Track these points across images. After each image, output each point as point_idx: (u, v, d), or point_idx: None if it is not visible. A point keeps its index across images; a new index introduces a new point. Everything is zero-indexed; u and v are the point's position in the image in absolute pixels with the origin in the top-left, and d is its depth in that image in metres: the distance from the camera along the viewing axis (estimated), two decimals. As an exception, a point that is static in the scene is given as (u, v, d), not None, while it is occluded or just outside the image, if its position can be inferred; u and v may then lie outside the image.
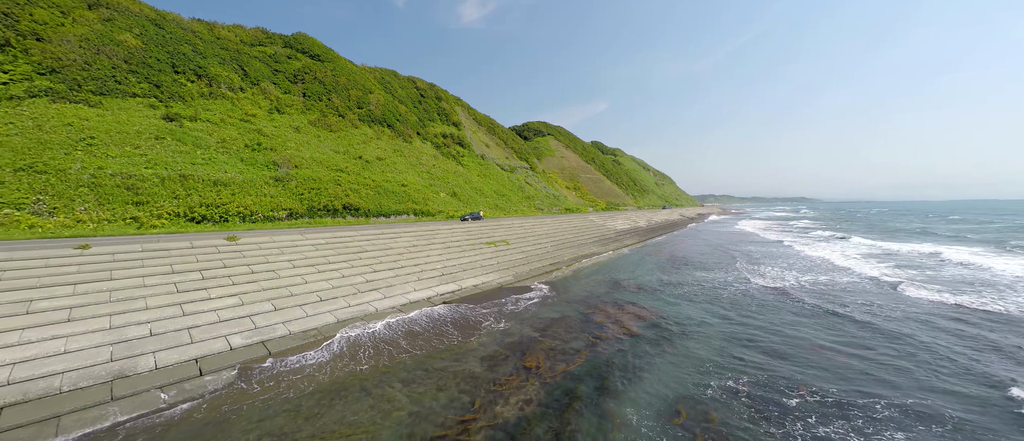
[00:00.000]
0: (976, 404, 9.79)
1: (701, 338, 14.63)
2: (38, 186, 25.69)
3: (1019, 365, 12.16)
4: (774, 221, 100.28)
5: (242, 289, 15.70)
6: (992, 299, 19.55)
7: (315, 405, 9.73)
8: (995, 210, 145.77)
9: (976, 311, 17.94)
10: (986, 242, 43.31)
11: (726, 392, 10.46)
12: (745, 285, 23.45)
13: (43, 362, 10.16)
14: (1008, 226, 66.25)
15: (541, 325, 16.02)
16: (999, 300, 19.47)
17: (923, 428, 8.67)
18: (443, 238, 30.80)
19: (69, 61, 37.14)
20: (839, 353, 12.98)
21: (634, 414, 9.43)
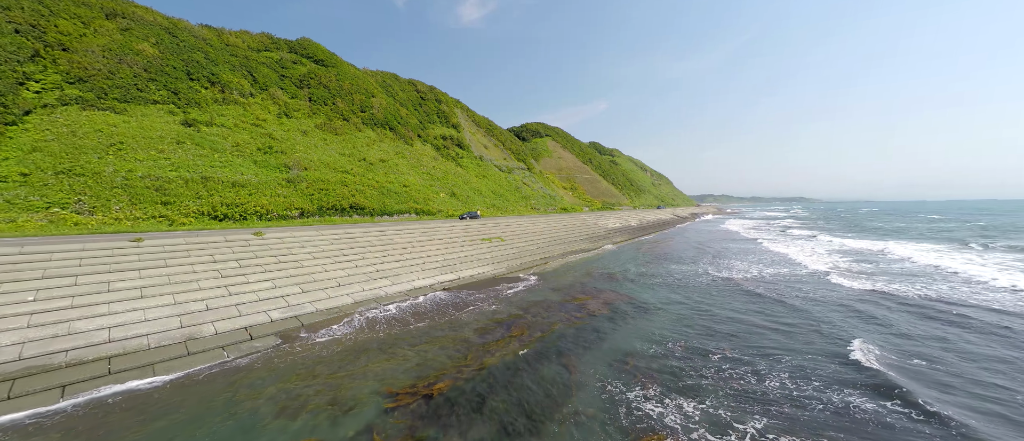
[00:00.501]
0: (821, 352, 13.03)
1: (659, 315, 17.51)
2: (78, 187, 28.52)
3: (874, 329, 15.35)
4: (761, 220, 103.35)
5: (273, 275, 18.55)
6: (900, 286, 22.58)
7: (344, 359, 12.57)
8: (983, 210, 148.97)
9: (878, 293, 21.06)
10: (945, 240, 46.28)
11: (666, 350, 13.32)
12: (709, 276, 26.35)
13: (131, 326, 13.00)
14: (985, 225, 69.28)
15: (526, 306, 18.88)
16: (906, 286, 22.56)
17: (782, 369, 11.58)
18: (443, 235, 33.66)
19: (95, 71, 39.91)
20: (758, 325, 15.87)
21: (591, 363, 12.29)
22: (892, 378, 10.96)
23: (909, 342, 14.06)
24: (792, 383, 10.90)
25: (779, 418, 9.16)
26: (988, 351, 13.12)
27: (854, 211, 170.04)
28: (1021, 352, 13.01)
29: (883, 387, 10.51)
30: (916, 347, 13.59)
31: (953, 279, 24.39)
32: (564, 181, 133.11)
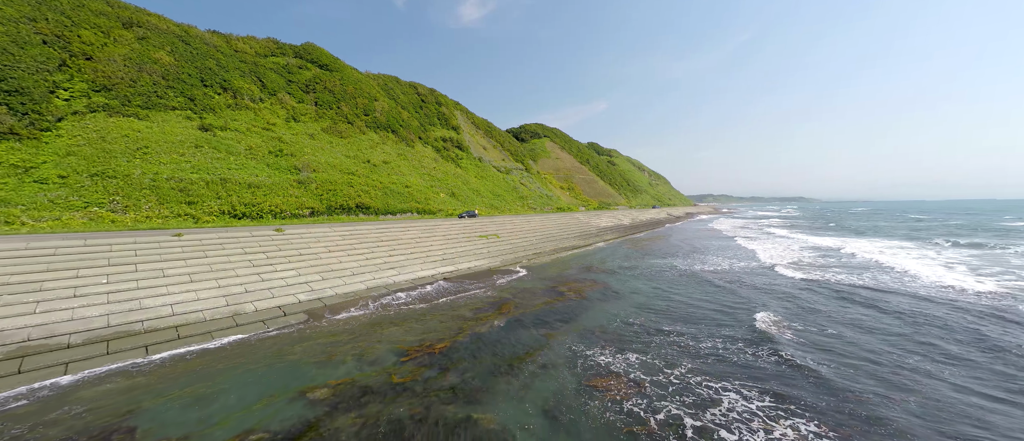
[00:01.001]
0: (740, 323, 16.04)
1: (630, 299, 20.39)
2: (111, 188, 31.38)
3: (789, 307, 18.53)
4: (749, 220, 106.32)
5: (296, 265, 21.42)
6: (835, 276, 25.73)
7: (363, 329, 15.43)
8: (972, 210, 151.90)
9: (813, 282, 24.20)
10: (910, 238, 49.41)
11: (626, 324, 16.19)
12: (679, 269, 29.23)
13: (188, 304, 15.87)
14: (960, 223, 72.23)
15: (514, 292, 21.76)
16: (841, 276, 25.77)
17: (708, 336, 14.46)
18: (443, 232, 36.53)
19: (118, 79, 42.76)
20: (703, 306, 18.76)
21: (563, 332, 15.15)
22: (777, 339, 14.11)
23: (811, 316, 17.15)
24: (710, 343, 13.83)
25: (694, 365, 12.03)
26: (876, 325, 16.02)
27: (845, 211, 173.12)
28: (904, 326, 15.91)
29: (767, 345, 13.50)
30: (815, 320, 16.61)
31: (889, 272, 27.37)
32: (561, 181, 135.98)
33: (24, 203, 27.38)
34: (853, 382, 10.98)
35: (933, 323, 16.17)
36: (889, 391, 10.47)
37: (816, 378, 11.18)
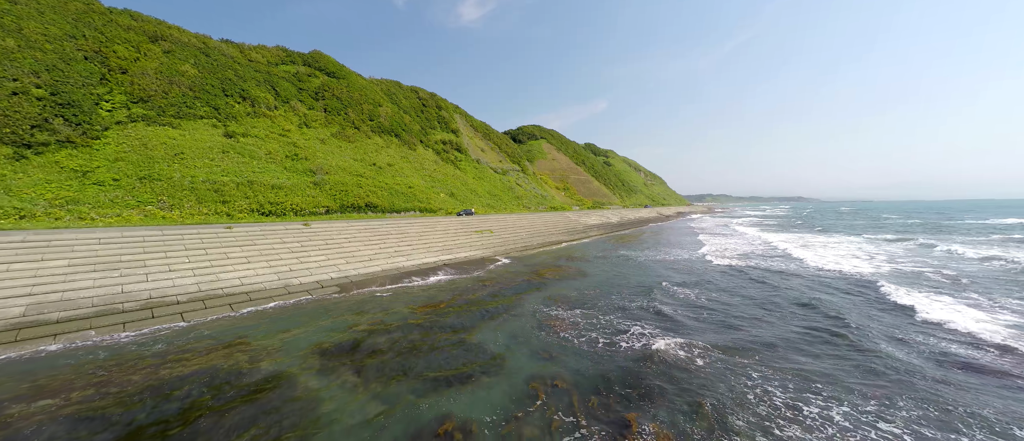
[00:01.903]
0: (651, 288, 21.08)
1: (591, 278, 25.46)
2: (157, 190, 36.44)
3: (687, 278, 23.88)
4: (731, 218, 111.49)
5: (325, 252, 26.49)
6: (744, 263, 31.13)
7: (383, 300, 20.48)
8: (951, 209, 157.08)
9: (726, 266, 29.64)
10: (854, 232, 54.87)
11: (582, 294, 21.24)
12: (640, 259, 34.33)
13: (251, 278, 20.94)
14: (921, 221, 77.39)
15: (501, 274, 26.84)
16: (755, 262, 31.19)
17: (631, 298, 19.51)
18: (444, 227, 41.59)
19: (153, 91, 47.85)
20: (641, 281, 23.85)
21: (532, 298, 20.20)
22: (664, 299, 19.32)
23: (701, 287, 22.37)
24: (629, 301, 19.03)
25: (616, 315, 17.10)
26: (748, 293, 21.17)
27: (831, 210, 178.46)
28: (767, 292, 21.08)
29: (660, 303, 18.66)
30: (702, 290, 21.84)
31: (796, 259, 32.74)
32: (557, 181, 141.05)
33: (90, 202, 32.43)
34: (696, 319, 16.10)
35: (778, 290, 21.56)
36: (700, 320, 15.55)
37: (677, 318, 16.30)
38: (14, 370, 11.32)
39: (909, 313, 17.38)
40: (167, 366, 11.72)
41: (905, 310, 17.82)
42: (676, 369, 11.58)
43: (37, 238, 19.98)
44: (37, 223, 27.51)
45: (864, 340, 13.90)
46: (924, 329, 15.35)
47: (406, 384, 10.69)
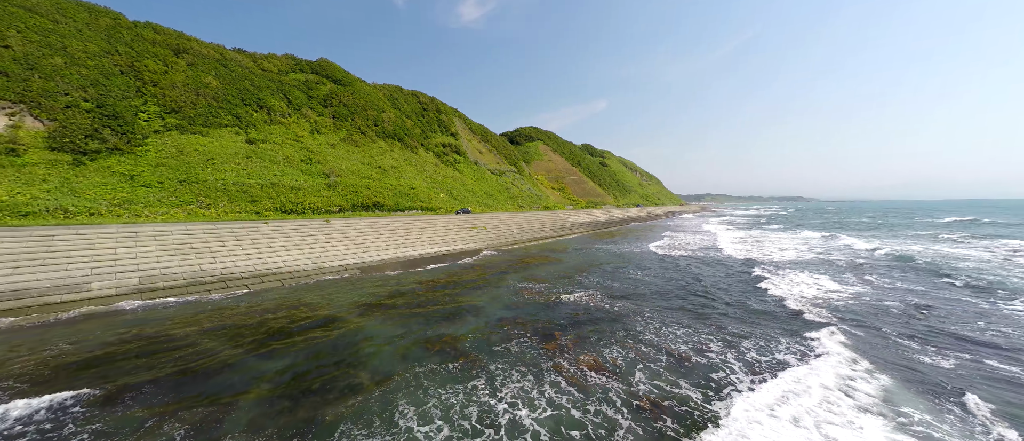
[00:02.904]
0: (600, 269, 26.49)
1: (564, 264, 31.07)
2: (195, 191, 42.02)
3: (628, 262, 29.01)
4: (713, 217, 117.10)
5: (346, 243, 32.10)
6: (678, 252, 36.68)
7: (395, 278, 26.08)
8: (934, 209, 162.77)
9: (668, 256, 35.14)
10: (814, 229, 60.57)
11: (552, 274, 26.87)
12: (612, 250, 39.99)
13: (291, 262, 26.54)
14: (891, 223, 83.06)
15: (492, 261, 32.47)
16: (693, 251, 36.63)
17: (590, 276, 25.12)
18: (443, 224, 47.20)
19: (183, 102, 53.40)
20: (600, 266, 29.49)
21: (512, 278, 25.82)
22: (604, 276, 24.83)
23: (636, 268, 28.00)
24: (583, 278, 24.60)
25: (564, 286, 22.70)
26: (663, 272, 26.81)
27: (818, 210, 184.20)
28: (675, 271, 26.68)
29: (601, 277, 24.19)
30: (635, 269, 27.41)
31: (721, 250, 38.67)
32: (552, 181, 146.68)
33: (141, 202, 38.04)
34: (618, 285, 21.73)
35: (683, 270, 27.38)
36: (623, 288, 21.20)
37: (607, 285, 21.98)
38: (158, 315, 16.91)
39: (755, 282, 23.42)
40: (256, 313, 17.34)
41: (754, 280, 23.96)
42: (592, 311, 17.24)
43: (126, 230, 25.60)
44: (104, 219, 33.14)
45: (710, 296, 19.84)
46: (755, 292, 21.25)
47: (416, 321, 16.31)
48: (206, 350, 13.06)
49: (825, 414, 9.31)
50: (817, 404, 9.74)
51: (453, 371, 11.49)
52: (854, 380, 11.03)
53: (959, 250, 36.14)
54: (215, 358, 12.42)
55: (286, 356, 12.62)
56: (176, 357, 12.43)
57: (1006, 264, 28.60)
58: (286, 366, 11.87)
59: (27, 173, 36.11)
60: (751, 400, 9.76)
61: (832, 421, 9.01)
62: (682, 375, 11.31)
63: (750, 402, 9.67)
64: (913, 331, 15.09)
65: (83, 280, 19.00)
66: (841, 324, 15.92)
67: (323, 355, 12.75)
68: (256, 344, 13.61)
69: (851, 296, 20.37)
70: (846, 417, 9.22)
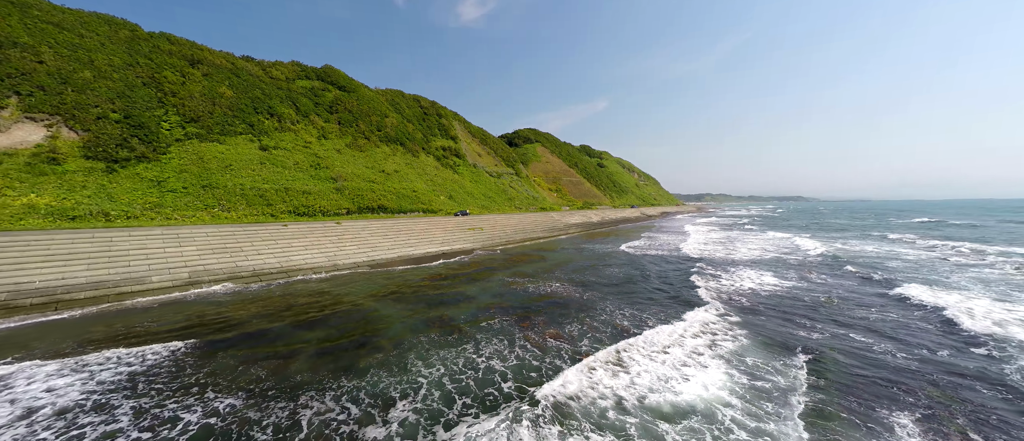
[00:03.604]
0: (577, 265, 30.51)
1: (548, 262, 35.04)
2: (217, 195, 46.05)
3: (602, 259, 32.89)
4: (703, 218, 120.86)
5: (356, 243, 36.09)
6: (644, 252, 40.58)
7: (401, 273, 30.08)
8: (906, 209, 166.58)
9: (637, 254, 39.00)
10: (790, 231, 64.34)
11: (539, 270, 30.86)
12: (595, 249, 43.97)
13: (309, 259, 30.56)
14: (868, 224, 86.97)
15: (486, 259, 36.45)
16: (647, 251, 40.64)
17: (570, 269, 29.14)
18: (443, 225, 51.20)
19: (202, 112, 57.43)
20: (572, 262, 33.47)
21: (502, 274, 29.81)
22: (579, 271, 28.75)
23: (607, 264, 31.85)
24: (561, 273, 28.59)
25: (544, 279, 26.69)
26: (627, 267, 30.78)
27: (811, 210, 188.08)
28: (635, 266, 30.64)
29: (576, 271, 28.19)
30: (606, 264, 31.32)
31: (683, 249, 42.53)
32: (550, 183, 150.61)
33: (170, 206, 42.07)
34: (588, 277, 25.70)
35: (642, 266, 31.31)
36: (592, 281, 25.17)
37: (579, 279, 25.98)
38: (213, 301, 20.91)
39: (691, 276, 27.56)
40: (290, 298, 21.35)
41: (692, 275, 28.08)
42: (563, 299, 21.26)
43: (169, 232, 29.63)
44: (140, 222, 37.20)
45: (651, 285, 23.95)
46: (687, 282, 25.31)
47: (421, 305, 20.31)
48: (260, 324, 17.07)
49: (688, 357, 13.33)
50: (687, 353, 13.76)
51: (448, 339, 15.47)
52: (719, 339, 15.10)
53: (896, 249, 40.44)
54: (270, 329, 16.44)
55: (322, 329, 16.63)
56: (240, 329, 16.45)
57: (921, 261, 32.67)
58: (324, 335, 15.89)
59: (68, 180, 40.19)
60: (646, 353, 13.71)
61: (688, 363, 13.00)
62: (613, 339, 15.30)
63: (646, 352, 13.62)
64: (792, 312, 19.10)
65: (145, 274, 23.01)
66: (733, 305, 20.05)
67: (350, 327, 16.76)
68: (298, 321, 17.63)
69: (763, 287, 24.42)
70: (701, 358, 13.25)
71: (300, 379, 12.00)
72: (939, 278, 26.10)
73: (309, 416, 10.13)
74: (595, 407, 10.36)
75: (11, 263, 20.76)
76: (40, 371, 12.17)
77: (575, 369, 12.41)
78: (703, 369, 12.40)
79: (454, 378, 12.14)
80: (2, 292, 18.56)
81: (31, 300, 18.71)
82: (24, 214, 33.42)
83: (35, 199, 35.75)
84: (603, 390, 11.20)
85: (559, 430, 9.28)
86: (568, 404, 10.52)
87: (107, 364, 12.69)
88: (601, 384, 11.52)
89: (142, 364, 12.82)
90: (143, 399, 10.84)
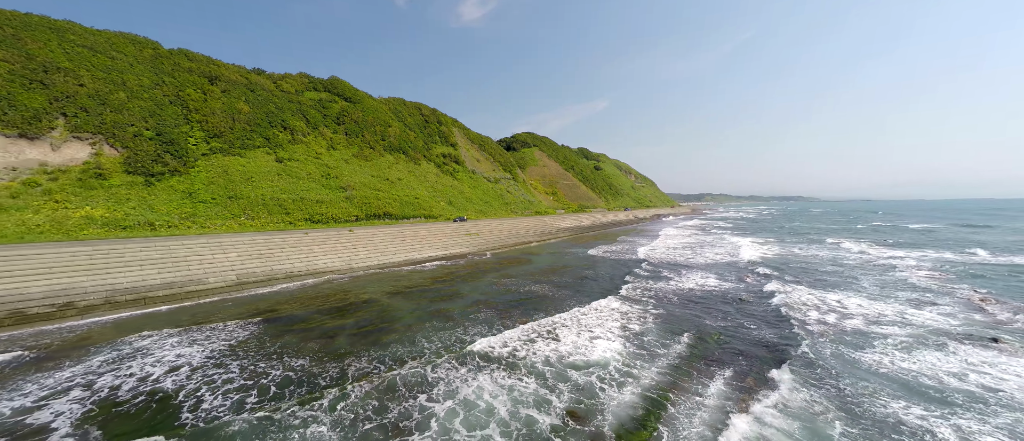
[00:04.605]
0: (554, 268, 36.21)
1: (533, 266, 40.67)
2: (242, 206, 51.79)
3: (576, 262, 38.56)
4: (690, 220, 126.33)
5: (366, 248, 41.79)
6: (603, 254, 46.14)
7: (407, 274, 35.75)
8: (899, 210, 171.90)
9: (604, 257, 44.53)
10: (758, 233, 69.82)
11: (522, 271, 36.50)
12: (575, 253, 49.60)
13: (330, 262, 36.27)
14: (860, 224, 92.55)
15: (480, 262, 42.13)
16: (605, 254, 46.11)
17: (550, 270, 34.82)
18: (442, 231, 56.91)
19: (223, 128, 63.17)
20: (553, 267, 39.10)
21: (491, 276, 35.46)
22: (553, 273, 34.46)
23: (582, 267, 37.38)
24: (541, 275, 34.26)
25: (534, 280, 32.32)
26: (592, 271, 36.38)
27: (800, 211, 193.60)
28: (595, 266, 36.25)
29: (552, 273, 33.88)
30: (580, 269, 36.88)
31: (639, 251, 47.95)
32: (546, 186, 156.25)
33: (202, 215, 47.82)
34: (561, 277, 31.33)
35: (598, 266, 36.78)
36: (563, 282, 30.79)
37: (551, 279, 31.64)
38: (261, 297, 26.57)
39: (626, 275, 33.11)
40: (322, 294, 27.03)
41: (628, 274, 33.68)
42: (536, 295, 26.94)
43: (214, 241, 35.35)
44: (179, 231, 42.96)
45: (601, 285, 29.56)
46: (625, 281, 30.79)
47: (424, 300, 25.99)
48: (305, 314, 22.79)
49: (603, 333, 19.00)
50: (605, 330, 19.45)
51: (446, 325, 21.13)
52: (630, 322, 20.79)
53: (815, 251, 46.59)
54: (312, 317, 22.16)
55: (351, 317, 22.34)
56: (290, 318, 22.15)
57: (818, 261, 38.37)
58: (354, 322, 21.59)
59: (114, 193, 46.01)
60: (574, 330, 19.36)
61: (601, 336, 18.66)
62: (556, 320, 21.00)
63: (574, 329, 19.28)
64: (697, 304, 24.75)
65: (203, 277, 28.72)
66: (652, 299, 25.79)
67: (371, 317, 22.46)
68: (332, 312, 23.36)
69: (685, 286, 30.17)
70: (611, 334, 18.95)
71: (343, 350, 17.68)
72: (828, 280, 31.79)
73: (353, 371, 15.79)
74: (531, 360, 16.05)
75: (102, 268, 26.47)
76: (167, 342, 17.91)
77: (519, 338, 18.14)
78: (610, 341, 18.08)
79: (447, 349, 17.82)
80: (103, 291, 24.28)
81: (125, 297, 24.44)
82: (84, 225, 39.26)
83: (90, 211, 41.55)
84: (537, 350, 16.92)
85: (507, 372, 14.96)
86: (515, 353, 16.25)
87: (211, 339, 18.42)
88: (539, 348, 17.24)
89: (235, 340, 18.54)
90: (243, 360, 16.53)
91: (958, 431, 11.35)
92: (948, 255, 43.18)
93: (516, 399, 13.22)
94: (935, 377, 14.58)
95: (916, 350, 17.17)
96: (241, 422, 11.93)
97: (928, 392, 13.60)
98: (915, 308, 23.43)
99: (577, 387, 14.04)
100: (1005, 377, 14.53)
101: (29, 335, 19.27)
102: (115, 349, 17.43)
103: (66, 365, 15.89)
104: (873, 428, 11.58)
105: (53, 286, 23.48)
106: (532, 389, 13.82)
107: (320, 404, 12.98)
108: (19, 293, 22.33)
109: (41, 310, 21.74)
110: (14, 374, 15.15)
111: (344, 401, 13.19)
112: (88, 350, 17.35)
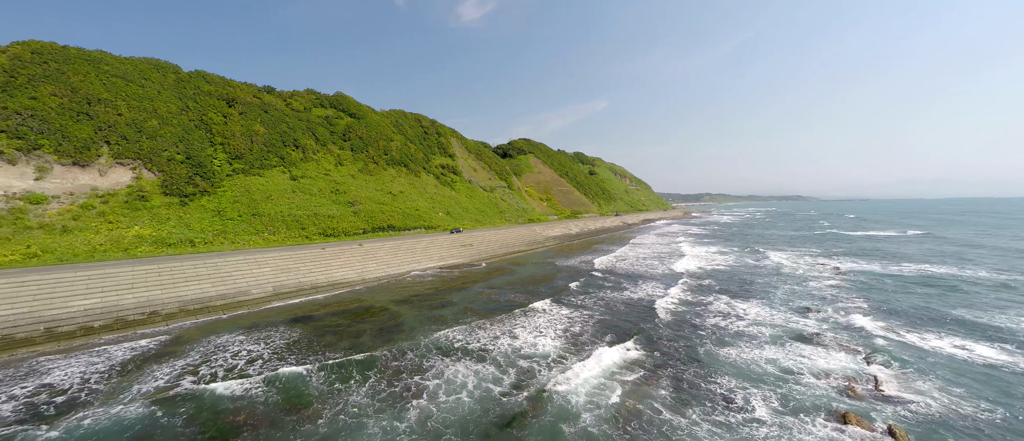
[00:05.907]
0: (533, 277, 43.52)
1: (517, 275, 47.90)
2: (265, 222, 59.08)
3: (539, 269, 45.89)
4: (680, 225, 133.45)
5: (374, 261, 49.07)
6: (574, 263, 53.17)
7: (410, 283, 42.99)
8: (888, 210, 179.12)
9: (575, 266, 51.65)
10: (735, 241, 77.16)
11: (506, 281, 43.71)
12: (557, 263, 56.88)
13: (346, 274, 43.55)
14: (797, 235, 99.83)
15: (473, 271, 49.39)
16: (576, 262, 53.13)
17: (527, 280, 42.10)
18: (439, 243, 64.20)
19: (243, 149, 70.44)
20: (533, 276, 46.36)
21: (481, 284, 42.67)
22: (530, 281, 41.80)
23: (558, 274, 44.65)
24: (520, 283, 41.55)
25: (518, 287, 39.55)
26: (558, 283, 43.64)
27: (790, 213, 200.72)
28: (562, 270, 43.54)
29: (529, 281, 41.19)
30: (554, 278, 44.14)
31: (608, 259, 55.12)
32: (541, 193, 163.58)
33: (231, 232, 55.12)
34: (533, 286, 38.59)
35: (562, 271, 43.96)
36: (538, 289, 38.04)
37: (526, 286, 38.94)
38: (297, 305, 33.81)
39: (578, 279, 40.22)
40: (344, 304, 34.31)
41: (578, 279, 40.73)
42: (514, 300, 34.21)
43: (250, 257, 42.62)
44: (213, 246, 50.27)
45: (562, 288, 36.70)
46: (582, 290, 38.00)
47: (424, 307, 33.27)
48: (333, 319, 30.08)
49: (551, 332, 26.24)
50: (554, 331, 26.70)
51: (441, 326, 28.38)
52: (573, 325, 27.98)
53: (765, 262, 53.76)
54: (339, 322, 29.44)
55: (369, 321, 29.65)
56: (323, 321, 29.43)
57: (760, 271, 45.65)
58: (372, 324, 28.88)
59: (156, 214, 53.33)
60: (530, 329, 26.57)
61: (546, 334, 25.92)
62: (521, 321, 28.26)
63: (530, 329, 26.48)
64: (639, 309, 31.95)
65: (246, 289, 36.01)
66: (597, 306, 32.91)
67: (384, 320, 29.75)
68: (353, 316, 30.67)
69: (633, 294, 37.24)
70: (556, 333, 26.23)
71: (367, 345, 24.97)
72: (751, 290, 39.04)
73: (377, 359, 23.06)
74: (495, 351, 23.36)
75: (170, 283, 33.77)
76: (236, 339, 25.22)
77: (489, 338, 25.45)
78: (554, 339, 25.39)
79: (437, 344, 25.11)
80: (176, 302, 31.58)
81: (193, 306, 31.74)
82: (137, 243, 46.58)
83: (140, 231, 48.90)
84: (500, 345, 24.27)
85: (477, 361, 22.26)
86: (485, 348, 23.61)
87: (271, 339, 25.73)
88: (502, 344, 24.58)
89: (288, 338, 25.84)
90: (297, 355, 23.81)
91: (745, 396, 18.63)
92: (875, 267, 50.41)
93: (480, 377, 20.52)
94: (757, 363, 21.85)
95: (766, 346, 24.42)
96: (308, 385, 19.25)
97: (749, 373, 20.86)
98: (799, 315, 30.70)
99: (522, 370, 21.35)
100: (806, 362, 21.81)
101: (140, 335, 26.59)
102: (202, 347, 24.72)
103: (188, 350, 23.26)
104: (695, 382, 18.89)
105: (139, 298, 30.80)
106: (491, 371, 21.12)
107: (357, 380, 20.28)
108: (117, 305, 29.64)
109: (136, 318, 29.05)
110: (159, 356, 22.51)
111: (372, 378, 20.47)
112: (189, 345, 24.68)
